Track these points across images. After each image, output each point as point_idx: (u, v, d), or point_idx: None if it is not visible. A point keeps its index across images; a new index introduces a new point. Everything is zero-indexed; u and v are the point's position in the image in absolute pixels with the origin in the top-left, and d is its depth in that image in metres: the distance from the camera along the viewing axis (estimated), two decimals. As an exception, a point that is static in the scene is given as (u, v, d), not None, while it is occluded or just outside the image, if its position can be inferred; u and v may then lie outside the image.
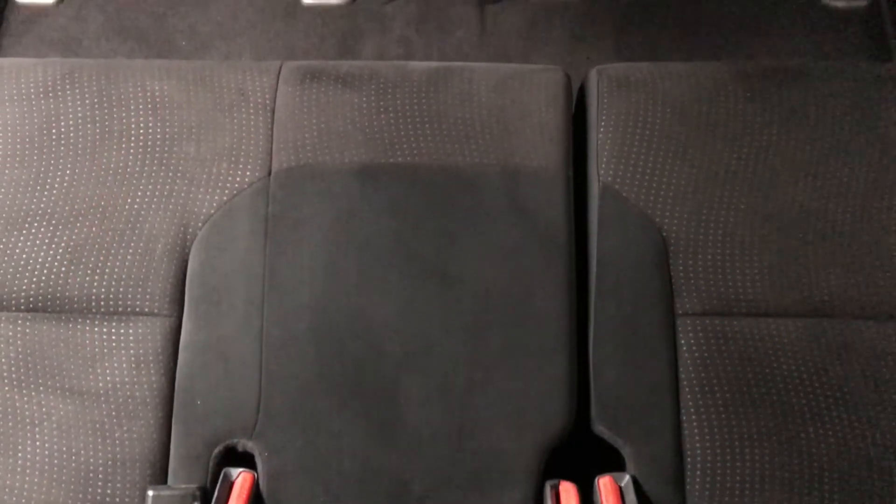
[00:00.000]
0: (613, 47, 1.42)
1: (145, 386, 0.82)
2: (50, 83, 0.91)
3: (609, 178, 0.87)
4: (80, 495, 0.79)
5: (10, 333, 0.83)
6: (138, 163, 0.88)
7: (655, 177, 0.87)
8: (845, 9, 1.43)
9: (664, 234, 0.85)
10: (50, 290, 0.85)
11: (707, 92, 0.90)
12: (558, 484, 0.79)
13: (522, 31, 1.44)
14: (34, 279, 0.85)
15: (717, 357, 0.82)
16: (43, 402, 0.82)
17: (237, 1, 1.46)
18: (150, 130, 0.89)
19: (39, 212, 0.87)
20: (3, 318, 0.84)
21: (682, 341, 0.82)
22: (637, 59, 1.37)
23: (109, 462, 0.80)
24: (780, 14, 1.43)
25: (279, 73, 0.92)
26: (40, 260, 0.85)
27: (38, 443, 0.81)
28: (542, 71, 0.93)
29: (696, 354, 0.82)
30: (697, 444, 0.80)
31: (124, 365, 0.82)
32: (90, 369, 0.82)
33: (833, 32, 1.42)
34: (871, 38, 1.41)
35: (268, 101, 0.91)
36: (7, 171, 0.88)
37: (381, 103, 0.90)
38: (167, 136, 0.89)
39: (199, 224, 0.86)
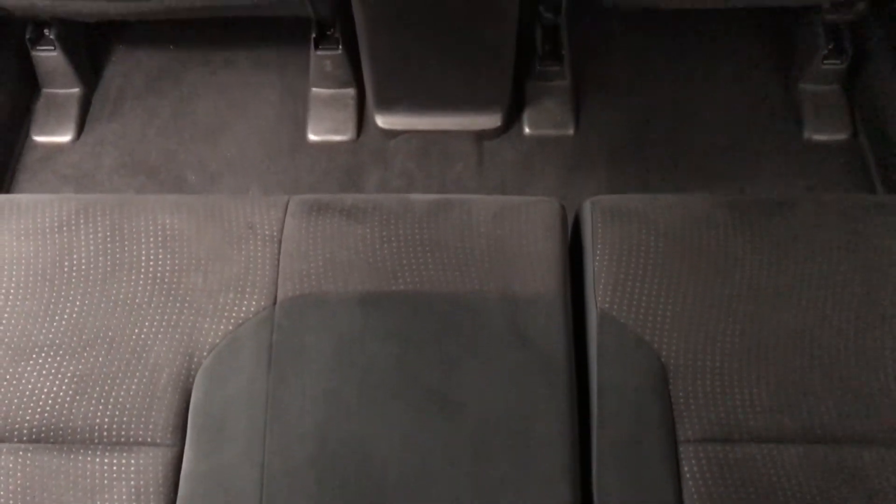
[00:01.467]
0: (606, 178, 1.48)
1: None
2: (65, 218, 0.95)
3: (606, 306, 0.89)
4: None
5: (11, 465, 0.83)
6: (147, 294, 0.90)
7: (652, 304, 0.89)
8: (827, 142, 1.50)
9: (663, 360, 0.86)
10: (53, 420, 0.85)
11: (698, 223, 0.93)
12: None
13: (518, 163, 1.50)
14: (38, 410, 0.85)
15: (721, 484, 0.81)
16: (39, 537, 0.80)
17: (246, 138, 1.53)
18: (160, 262, 0.92)
19: (47, 342, 0.88)
20: (5, 450, 0.84)
21: (686, 468, 0.82)
22: (629, 190, 1.44)
23: None
24: (766, 147, 1.50)
25: (286, 206, 0.96)
26: (45, 390, 0.86)
27: None
28: (538, 202, 0.97)
29: (700, 482, 0.81)
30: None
31: (124, 496, 0.81)
32: (90, 502, 0.81)
33: (817, 164, 1.48)
34: (854, 170, 1.47)
35: (275, 233, 0.94)
36: (18, 303, 0.90)
37: (385, 233, 0.94)
38: (176, 267, 0.92)
39: (204, 354, 0.88)
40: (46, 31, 1.51)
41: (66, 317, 0.89)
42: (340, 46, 1.49)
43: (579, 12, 1.56)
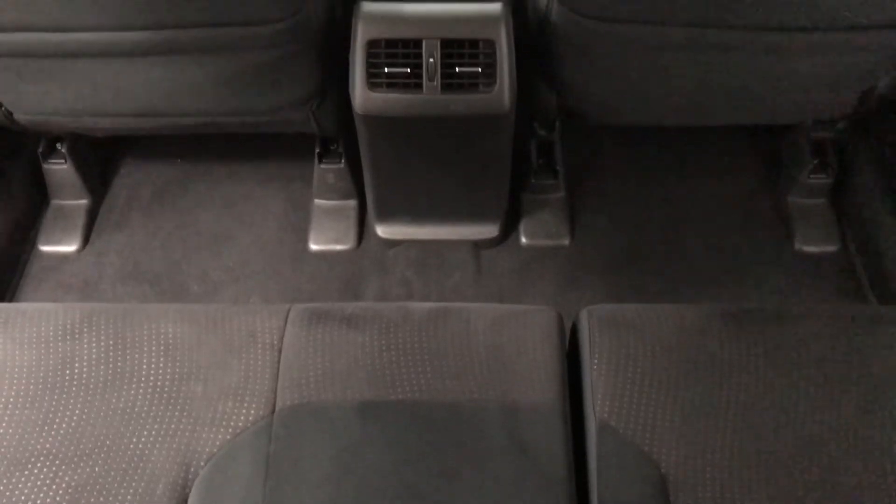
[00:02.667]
0: (603, 287, 1.50)
1: None
2: (69, 326, 0.96)
3: (605, 415, 0.89)
4: None
5: None
6: (146, 402, 0.91)
7: (650, 414, 0.89)
8: (817, 253, 1.54)
9: (663, 471, 0.86)
10: None
11: (694, 333, 0.95)
12: None
13: (516, 273, 1.52)
14: (31, 522, 0.84)
15: None
16: None
17: (248, 248, 1.56)
18: (161, 371, 0.93)
19: (45, 452, 0.88)
20: None
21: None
22: (626, 298, 1.46)
23: None
24: (758, 257, 1.53)
25: (287, 315, 0.98)
26: (39, 501, 0.85)
27: None
28: (536, 311, 0.99)
29: None
30: None
31: None
32: None
33: (808, 275, 1.51)
34: (845, 281, 1.50)
35: (275, 342, 0.95)
36: (17, 412, 0.90)
37: (384, 342, 0.95)
38: (176, 376, 0.93)
39: (202, 463, 0.87)
40: (59, 146, 1.56)
41: (64, 426, 0.89)
42: (343, 160, 1.54)
43: (572, 128, 1.62)
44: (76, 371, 0.93)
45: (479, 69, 1.17)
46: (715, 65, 1.16)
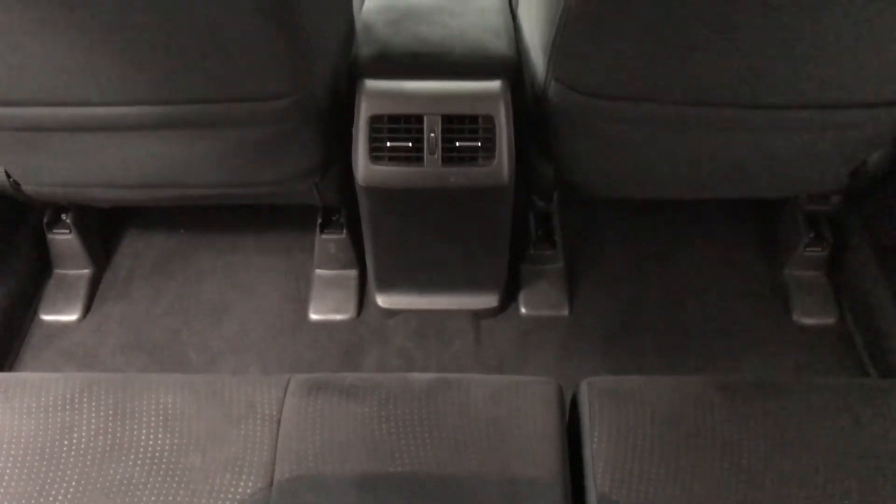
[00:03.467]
0: (602, 358, 1.50)
1: None
2: (68, 396, 0.96)
3: (606, 489, 0.89)
4: None
5: None
6: (144, 474, 0.90)
7: (651, 488, 0.88)
8: (816, 325, 1.54)
9: None
10: None
11: (693, 405, 0.95)
12: None
13: (515, 343, 1.53)
14: None
15: None
16: None
17: (249, 317, 1.57)
18: (160, 442, 0.92)
19: (39, 525, 0.87)
20: None
21: None
22: (624, 369, 1.46)
23: None
24: (756, 329, 1.54)
25: (287, 385, 0.98)
26: None
27: None
28: (536, 383, 0.99)
29: None
30: None
31: None
32: None
33: (807, 347, 1.51)
34: (844, 353, 1.50)
35: (274, 413, 0.95)
36: (13, 484, 0.89)
37: (383, 413, 0.95)
38: (175, 447, 0.92)
39: None
40: (63, 216, 1.59)
41: (60, 498, 0.88)
42: (345, 231, 1.56)
43: (570, 200, 1.65)
44: (75, 441, 0.92)
45: (479, 143, 1.20)
46: (707, 141, 1.19)
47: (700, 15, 0.91)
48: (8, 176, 1.32)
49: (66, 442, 0.92)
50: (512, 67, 1.21)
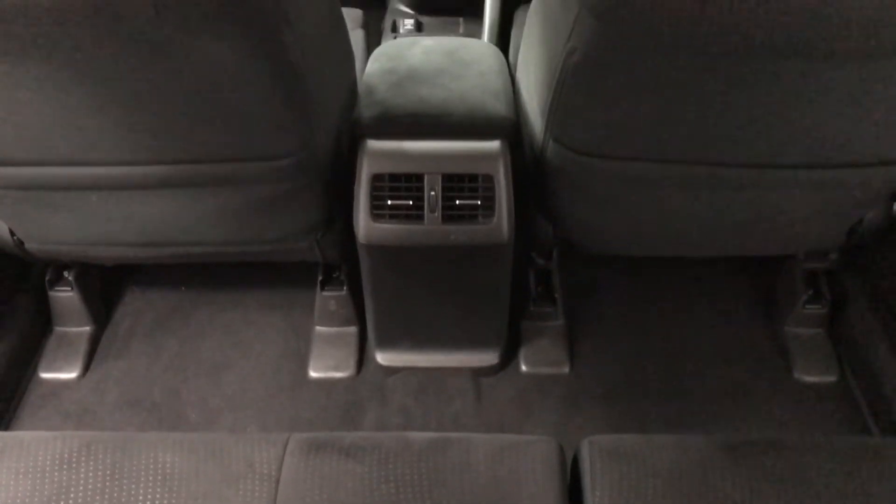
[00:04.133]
0: (603, 416, 1.49)
1: None
2: (66, 456, 0.95)
3: (608, 549, 0.88)
4: None
5: None
6: None
7: None
8: (817, 383, 1.54)
9: None
10: None
11: (695, 464, 0.94)
12: None
13: (516, 401, 1.52)
14: None
15: None
16: None
17: (248, 375, 1.56)
18: (158, 502, 0.91)
19: (33, 588, 0.85)
20: None
21: None
22: (625, 427, 1.45)
23: None
24: (757, 387, 1.53)
25: (286, 444, 0.97)
26: None
27: None
28: (537, 442, 0.98)
29: None
30: None
31: None
32: None
33: (809, 405, 1.51)
34: (845, 411, 1.50)
35: (273, 472, 0.94)
36: (8, 546, 0.89)
37: (383, 473, 0.94)
38: None
39: None
40: (65, 273, 1.59)
41: (54, 560, 0.87)
42: (345, 288, 1.57)
43: (569, 257, 1.66)
44: (71, 502, 0.91)
45: (479, 202, 1.21)
46: (704, 200, 1.21)
47: (696, 79, 0.93)
48: (12, 234, 1.33)
49: (62, 503, 0.91)
50: (511, 128, 1.24)
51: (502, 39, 1.77)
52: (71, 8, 0.78)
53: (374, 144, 1.22)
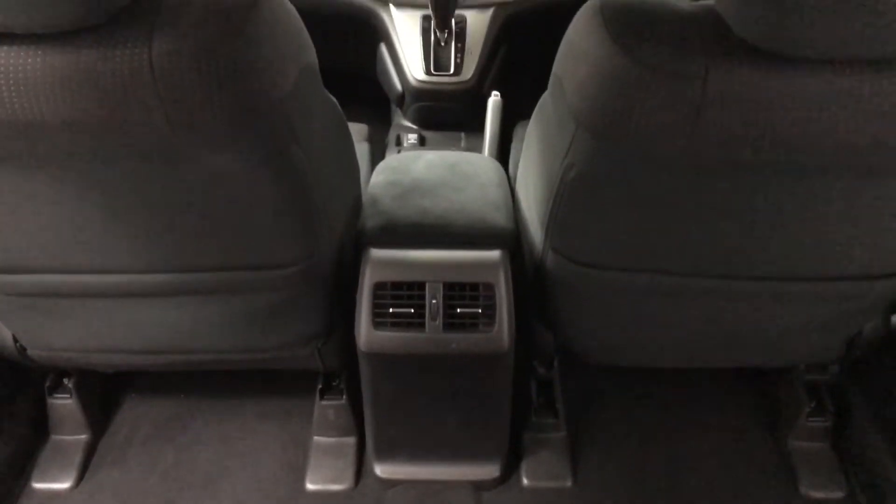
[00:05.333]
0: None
1: None
2: None
3: None
4: None
5: None
6: None
7: None
8: (824, 499, 1.50)
9: None
10: None
11: None
12: None
13: (518, 516, 1.48)
14: None
15: None
16: None
17: (244, 486, 1.53)
18: None
19: None
20: None
21: None
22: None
23: None
24: (764, 501, 1.50)
25: None
26: None
27: None
28: None
29: None
30: None
31: None
32: None
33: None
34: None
35: None
36: None
37: None
38: None
39: None
40: (65, 380, 1.59)
41: None
42: (345, 396, 1.56)
43: (572, 367, 1.66)
44: None
45: (480, 310, 1.23)
46: (702, 311, 1.22)
47: (691, 194, 0.96)
48: (15, 340, 1.34)
49: None
50: (511, 238, 1.27)
51: (502, 153, 1.83)
52: (89, 123, 0.82)
53: (377, 253, 1.24)
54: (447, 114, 2.04)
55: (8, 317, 1.29)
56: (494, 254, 1.24)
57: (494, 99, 1.81)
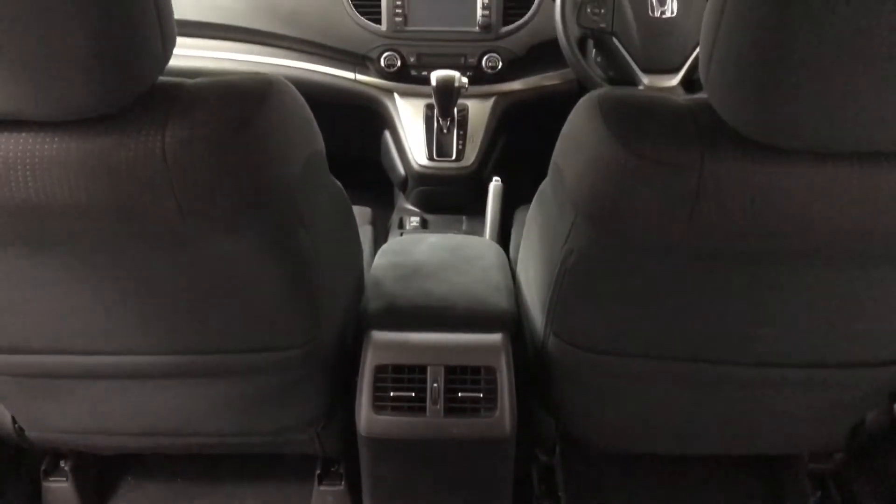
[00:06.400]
0: None
1: None
2: None
3: None
4: None
5: None
6: None
7: None
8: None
9: None
10: None
11: None
12: None
13: None
14: None
15: None
16: None
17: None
18: None
19: None
20: None
21: None
22: None
23: None
24: None
25: None
26: None
27: None
28: None
29: None
30: None
31: None
32: None
33: None
34: None
35: None
36: None
37: None
38: None
39: None
40: (62, 463, 1.57)
41: None
42: (343, 482, 1.53)
43: (573, 453, 1.64)
44: None
45: (481, 394, 1.22)
46: (703, 397, 1.22)
47: (690, 281, 0.97)
48: (14, 421, 1.33)
49: None
50: (512, 322, 1.27)
51: (503, 236, 1.85)
52: (100, 208, 0.84)
53: (378, 336, 1.25)
54: (449, 198, 2.08)
55: (7, 397, 1.29)
56: (496, 337, 1.25)
57: (495, 184, 1.85)
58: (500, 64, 1.98)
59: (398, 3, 1.94)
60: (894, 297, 0.97)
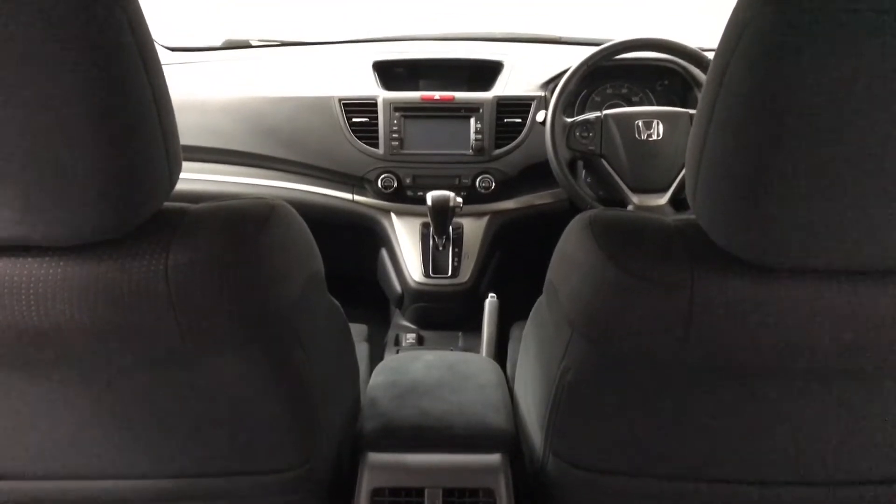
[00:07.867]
0: None
1: None
2: None
3: None
4: None
5: None
6: None
7: None
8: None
9: None
10: None
11: None
12: None
13: None
14: None
15: None
16: None
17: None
18: None
19: None
20: None
21: None
22: None
23: None
24: None
25: None
26: None
27: None
28: None
29: None
30: None
31: None
32: None
33: None
34: None
35: None
36: None
37: None
38: None
39: None
40: None
41: None
42: None
43: None
44: None
45: (479, 516, 1.20)
46: None
47: (688, 397, 0.97)
48: None
49: None
50: (510, 441, 1.26)
51: (500, 353, 1.85)
52: (101, 330, 0.85)
53: (375, 458, 1.23)
54: (445, 314, 2.09)
55: None
56: (494, 458, 1.23)
57: (491, 300, 1.87)
58: (494, 184, 2.05)
59: (395, 128, 2.02)
60: (894, 412, 0.97)
